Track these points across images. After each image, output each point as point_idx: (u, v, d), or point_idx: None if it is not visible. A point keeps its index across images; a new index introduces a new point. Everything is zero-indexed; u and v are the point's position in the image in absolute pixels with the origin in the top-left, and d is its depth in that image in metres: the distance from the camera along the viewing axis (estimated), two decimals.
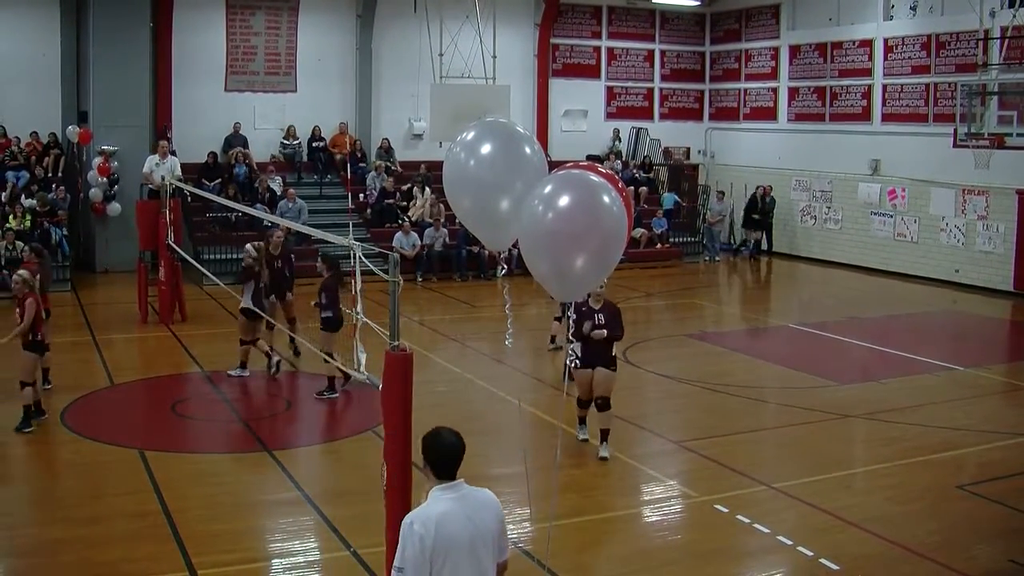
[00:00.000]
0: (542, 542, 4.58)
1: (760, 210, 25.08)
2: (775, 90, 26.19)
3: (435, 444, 4.47)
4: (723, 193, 25.94)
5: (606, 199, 5.19)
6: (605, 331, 9.77)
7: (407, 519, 4.43)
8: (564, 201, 5.01)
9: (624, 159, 26.30)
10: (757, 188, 25.15)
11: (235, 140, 22.43)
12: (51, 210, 19.30)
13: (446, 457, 4.45)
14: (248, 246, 13.37)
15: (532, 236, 5.02)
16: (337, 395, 12.05)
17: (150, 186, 18.31)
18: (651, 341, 15.47)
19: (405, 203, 22.38)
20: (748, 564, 8.01)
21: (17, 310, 10.69)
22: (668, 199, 25.09)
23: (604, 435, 9.94)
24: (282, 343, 13.67)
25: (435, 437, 4.49)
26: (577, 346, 9.78)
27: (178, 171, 18.18)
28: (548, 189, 5.15)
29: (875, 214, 23.17)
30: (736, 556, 8.03)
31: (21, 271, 11.13)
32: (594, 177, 5.45)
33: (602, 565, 7.82)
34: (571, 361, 9.60)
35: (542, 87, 26.14)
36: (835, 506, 8.71)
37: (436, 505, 4.43)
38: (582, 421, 10.43)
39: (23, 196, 19.37)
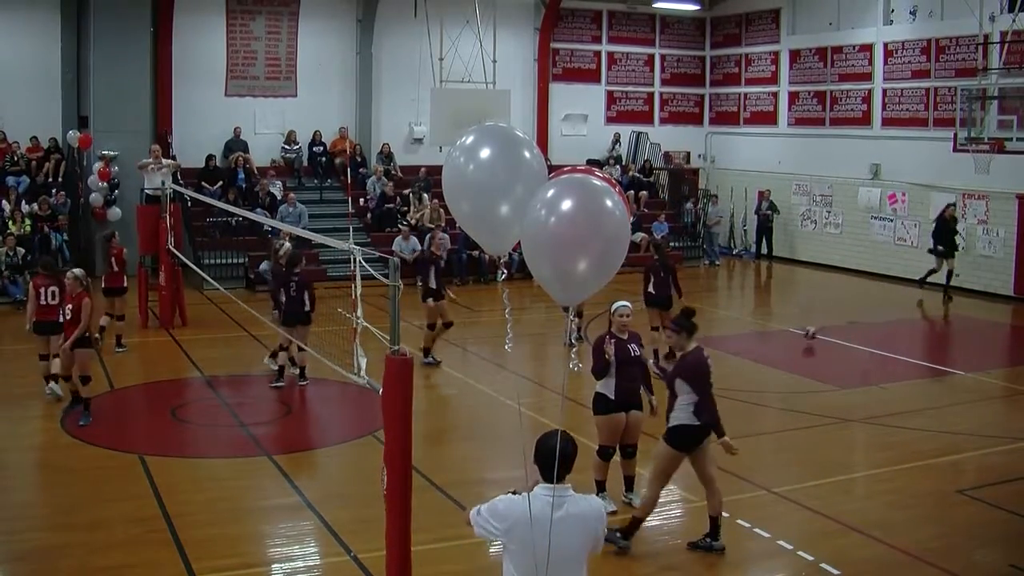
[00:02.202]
0: None
1: (954, 231, 19.80)
2: (775, 94, 26.20)
3: (539, 446, 4.51)
4: (716, 197, 26.00)
5: (608, 203, 5.19)
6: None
7: (505, 497, 4.51)
8: (567, 204, 5.02)
9: (624, 163, 26.31)
10: (947, 207, 19.90)
11: (235, 145, 22.42)
12: (52, 215, 19.31)
13: (549, 459, 4.44)
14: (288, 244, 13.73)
15: (534, 239, 5.04)
16: (283, 384, 12.58)
17: (147, 191, 18.27)
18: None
19: (405, 208, 22.39)
20: (749, 568, 8.01)
21: (69, 306, 10.75)
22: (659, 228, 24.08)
23: (630, 482, 8.94)
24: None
25: (542, 439, 4.52)
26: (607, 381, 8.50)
27: (169, 180, 18.15)
28: (551, 193, 5.16)
29: (875, 218, 23.16)
30: (737, 560, 8.01)
31: (75, 269, 11.19)
32: (596, 181, 5.44)
33: (603, 570, 7.80)
34: (574, 366, 9.42)
35: (542, 91, 26.14)
36: (836, 511, 8.70)
37: (531, 504, 4.42)
38: (602, 487, 8.60)
39: (23, 201, 19.38)
